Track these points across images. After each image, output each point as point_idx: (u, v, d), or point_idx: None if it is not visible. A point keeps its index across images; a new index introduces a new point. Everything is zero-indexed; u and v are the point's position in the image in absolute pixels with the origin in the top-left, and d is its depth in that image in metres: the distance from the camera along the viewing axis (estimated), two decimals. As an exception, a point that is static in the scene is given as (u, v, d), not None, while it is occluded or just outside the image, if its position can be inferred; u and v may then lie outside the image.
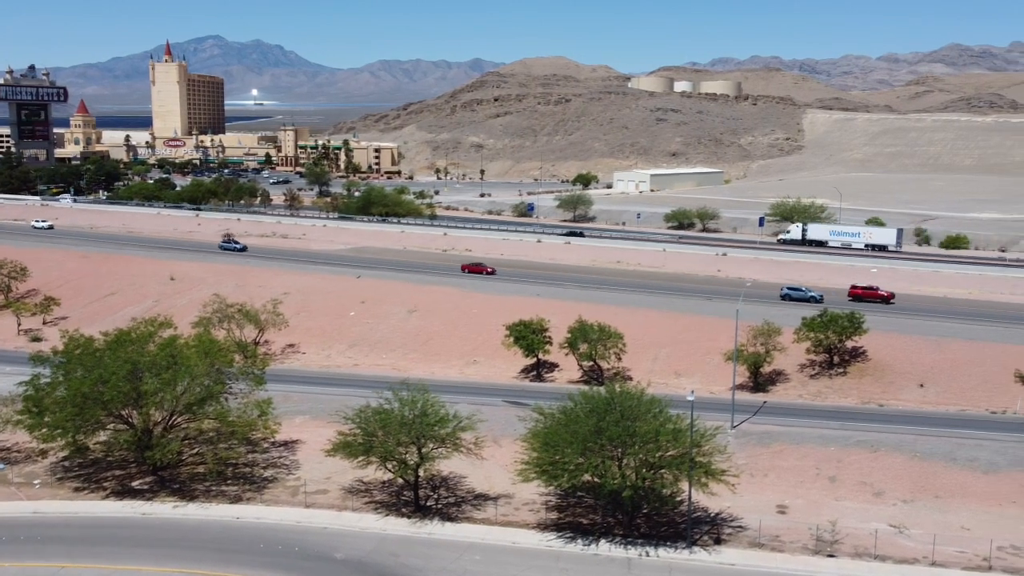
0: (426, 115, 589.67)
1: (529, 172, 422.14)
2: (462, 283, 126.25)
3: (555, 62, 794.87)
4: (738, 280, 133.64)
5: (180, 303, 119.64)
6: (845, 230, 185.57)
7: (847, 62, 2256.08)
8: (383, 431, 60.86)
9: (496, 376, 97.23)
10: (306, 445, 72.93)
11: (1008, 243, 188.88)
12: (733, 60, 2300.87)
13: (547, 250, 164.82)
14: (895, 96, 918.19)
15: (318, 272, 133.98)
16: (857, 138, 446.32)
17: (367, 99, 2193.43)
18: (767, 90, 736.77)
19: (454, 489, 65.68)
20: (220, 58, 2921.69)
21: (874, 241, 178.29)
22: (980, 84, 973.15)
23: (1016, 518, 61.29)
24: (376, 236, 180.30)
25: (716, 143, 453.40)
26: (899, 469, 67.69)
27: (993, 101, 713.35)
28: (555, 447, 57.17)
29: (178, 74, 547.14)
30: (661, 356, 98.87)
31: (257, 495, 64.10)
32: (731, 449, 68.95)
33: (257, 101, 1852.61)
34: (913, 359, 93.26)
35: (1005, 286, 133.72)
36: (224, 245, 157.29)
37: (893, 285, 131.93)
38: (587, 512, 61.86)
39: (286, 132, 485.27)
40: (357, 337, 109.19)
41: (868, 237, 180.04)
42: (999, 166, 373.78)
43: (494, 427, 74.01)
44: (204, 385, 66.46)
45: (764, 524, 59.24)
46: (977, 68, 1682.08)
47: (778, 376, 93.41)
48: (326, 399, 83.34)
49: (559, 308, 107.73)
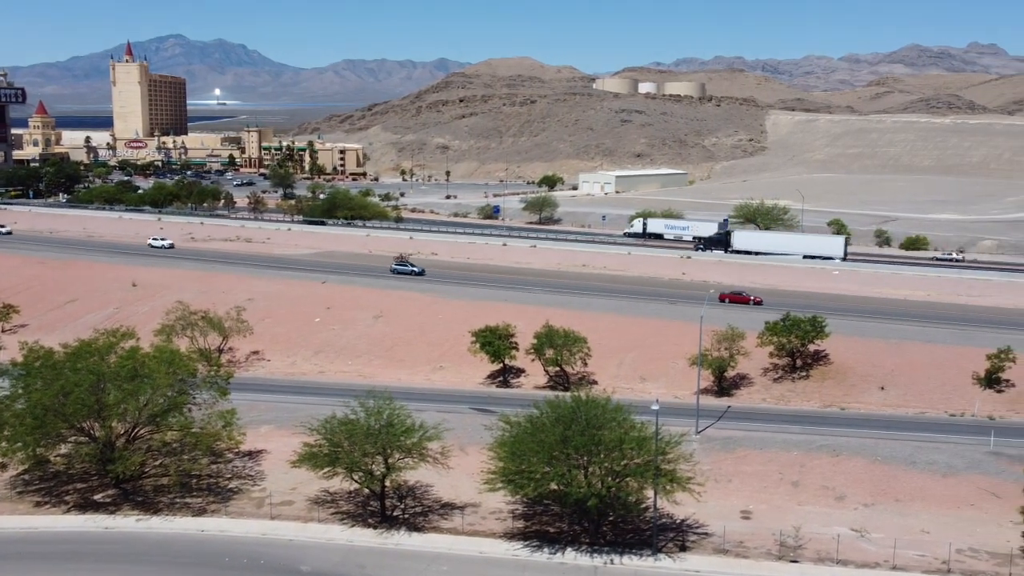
0: (391, 116, 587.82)
1: (495, 173, 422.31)
2: (428, 288, 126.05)
3: (520, 63, 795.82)
4: (703, 283, 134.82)
5: (142, 310, 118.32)
6: (676, 224, 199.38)
7: (809, 62, 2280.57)
8: (349, 442, 60.65)
9: (462, 382, 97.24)
10: (271, 455, 72.44)
11: (966, 244, 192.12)
12: (697, 60, 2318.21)
13: (513, 253, 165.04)
14: (856, 97, 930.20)
15: (283, 277, 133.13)
16: (819, 139, 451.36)
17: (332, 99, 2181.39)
18: (731, 91, 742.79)
19: (421, 498, 65.59)
20: (182, 57, 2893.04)
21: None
22: (939, 85, 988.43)
23: (974, 521, 62.36)
24: (341, 240, 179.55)
25: (680, 144, 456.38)
26: (860, 473, 68.61)
27: (951, 102, 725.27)
28: (521, 456, 57.30)
29: (139, 74, 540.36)
30: (626, 361, 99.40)
31: (222, 507, 63.57)
32: (696, 455, 69.53)
33: (220, 101, 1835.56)
34: (874, 362, 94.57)
35: (962, 288, 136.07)
36: (398, 268, 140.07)
37: (854, 287, 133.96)
38: (553, 520, 62.07)
39: (250, 133, 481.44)
40: (322, 343, 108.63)
41: (695, 230, 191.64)
42: (957, 167, 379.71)
43: (460, 435, 74.01)
44: (167, 396, 65.83)
45: (729, 530, 59.80)
46: (936, 69, 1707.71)
47: (742, 380, 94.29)
48: (291, 408, 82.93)
49: (525, 313, 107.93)
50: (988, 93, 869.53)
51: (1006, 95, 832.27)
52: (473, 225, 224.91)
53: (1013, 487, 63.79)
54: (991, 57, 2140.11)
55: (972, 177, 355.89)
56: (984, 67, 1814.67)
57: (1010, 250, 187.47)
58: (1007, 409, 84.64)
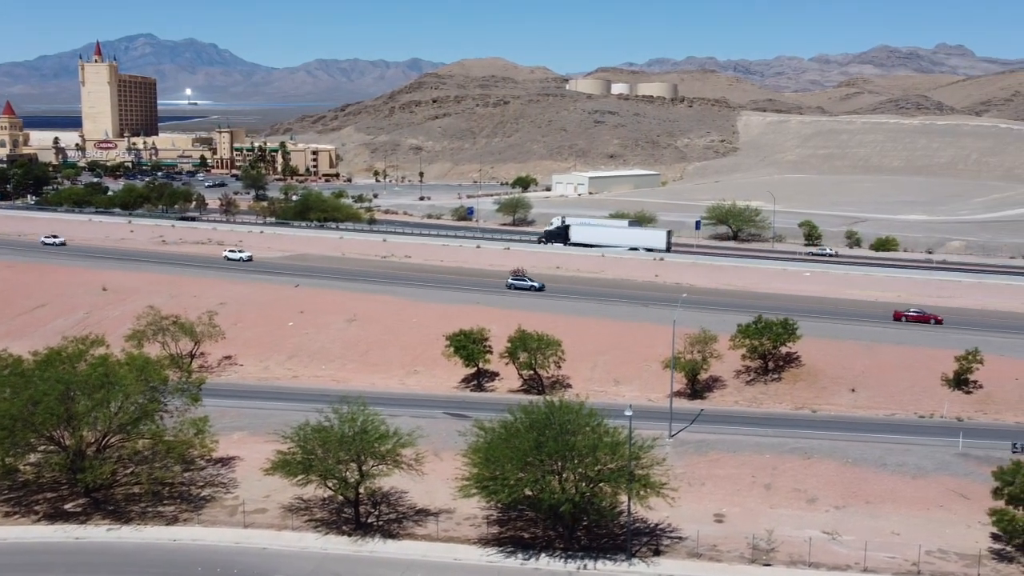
0: (364, 116, 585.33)
1: (468, 174, 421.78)
2: (402, 292, 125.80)
3: (493, 63, 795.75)
4: (676, 286, 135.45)
5: (113, 315, 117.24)
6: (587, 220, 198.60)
7: (780, 63, 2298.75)
8: (323, 449, 60.43)
9: (437, 386, 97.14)
10: (244, 462, 71.95)
11: (935, 245, 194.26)
12: (669, 61, 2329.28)
13: (487, 256, 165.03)
14: (827, 97, 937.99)
15: (255, 281, 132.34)
16: (790, 140, 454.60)
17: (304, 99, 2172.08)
18: (703, 92, 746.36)
19: (395, 505, 65.47)
20: (152, 56, 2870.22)
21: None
22: (907, 86, 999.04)
23: (943, 522, 63.15)
24: (314, 243, 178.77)
25: (653, 145, 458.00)
26: (832, 475, 69.25)
27: (920, 103, 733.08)
28: (495, 463, 57.38)
29: (109, 74, 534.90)
30: (600, 364, 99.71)
31: (194, 515, 63.14)
32: (669, 458, 69.81)
33: (191, 101, 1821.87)
34: (845, 364, 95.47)
35: (931, 289, 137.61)
36: (515, 284, 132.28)
37: (825, 288, 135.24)
38: (528, 526, 62.17)
39: (221, 134, 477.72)
40: (296, 348, 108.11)
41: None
42: (926, 167, 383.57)
43: (435, 440, 73.93)
44: (138, 403, 65.29)
45: (702, 534, 60.18)
46: (905, 69, 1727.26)
47: (715, 383, 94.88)
48: (264, 414, 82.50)
49: (499, 316, 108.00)
50: (956, 94, 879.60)
51: (973, 96, 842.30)
52: (447, 227, 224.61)
53: (981, 488, 64.52)
54: (959, 58, 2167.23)
55: (941, 178, 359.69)
56: (952, 68, 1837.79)
57: (978, 251, 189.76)
58: (975, 410, 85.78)
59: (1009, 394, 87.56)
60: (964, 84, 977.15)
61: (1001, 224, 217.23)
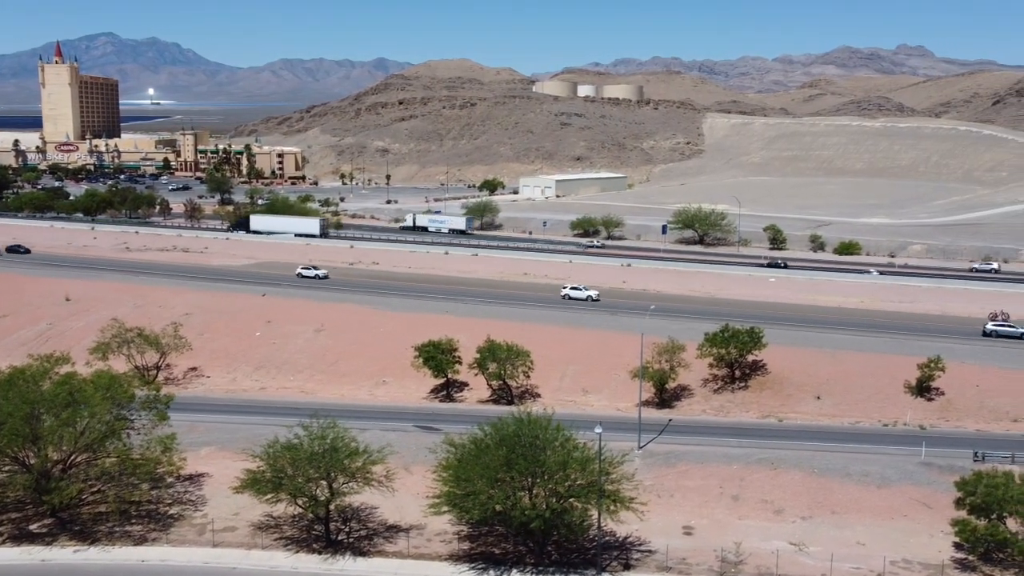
0: (330, 118, 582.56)
1: (435, 177, 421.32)
2: (370, 300, 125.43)
3: (460, 64, 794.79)
4: (642, 292, 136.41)
5: (77, 326, 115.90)
6: (436, 218, 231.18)
7: (744, 63, 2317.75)
8: (292, 467, 60.24)
9: (406, 397, 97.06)
10: (213, 479, 71.50)
11: (896, 249, 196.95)
12: (635, 61, 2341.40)
13: (455, 262, 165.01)
14: (790, 99, 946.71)
15: (221, 290, 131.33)
16: (754, 142, 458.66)
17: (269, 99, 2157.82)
18: (668, 93, 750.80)
19: (366, 521, 65.37)
20: (114, 56, 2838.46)
21: (453, 227, 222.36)
22: (869, 87, 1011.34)
23: (907, 531, 64.17)
24: (281, 249, 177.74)
25: (619, 147, 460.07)
26: (798, 486, 70.09)
27: (881, 104, 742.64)
28: (466, 480, 57.51)
29: (70, 75, 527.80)
30: (569, 373, 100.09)
31: (163, 534, 62.67)
32: (638, 470, 70.43)
33: (154, 100, 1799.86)
34: (810, 371, 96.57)
35: (894, 294, 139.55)
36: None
37: (790, 294, 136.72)
38: (499, 541, 62.35)
39: (185, 136, 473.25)
40: (263, 359, 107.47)
41: (451, 224, 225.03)
42: (887, 170, 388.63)
43: (405, 454, 73.80)
44: (105, 421, 64.61)
45: (671, 547, 60.72)
46: (866, 70, 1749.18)
47: (683, 391, 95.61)
48: (232, 428, 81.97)
49: (468, 325, 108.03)
50: (917, 95, 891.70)
51: (933, 97, 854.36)
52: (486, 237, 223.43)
53: (944, 497, 65.63)
54: (919, 59, 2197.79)
55: (902, 180, 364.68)
56: (912, 68, 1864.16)
57: (938, 254, 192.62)
58: (937, 417, 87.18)
59: (970, 401, 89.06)
60: (924, 85, 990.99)
61: (960, 228, 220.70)
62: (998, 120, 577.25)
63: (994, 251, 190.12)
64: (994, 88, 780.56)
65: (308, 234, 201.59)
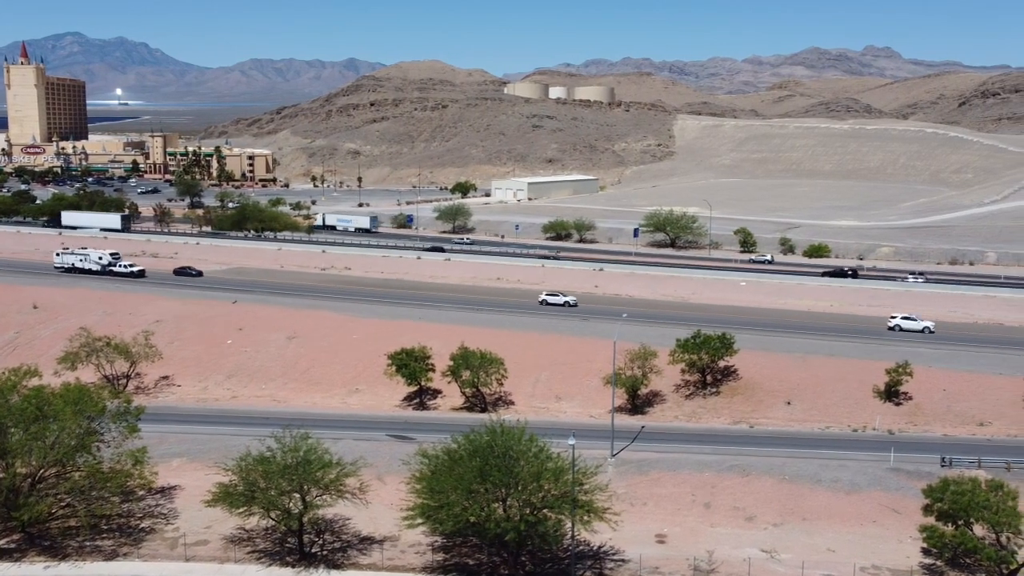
0: (301, 119, 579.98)
1: (407, 179, 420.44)
2: (342, 307, 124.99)
3: (431, 66, 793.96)
4: (615, 297, 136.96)
5: (44, 334, 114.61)
6: (343, 217, 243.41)
7: (714, 64, 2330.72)
8: (265, 480, 59.98)
9: (379, 405, 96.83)
10: (185, 491, 70.99)
11: (865, 251, 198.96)
12: (606, 62, 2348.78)
13: (427, 267, 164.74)
14: (760, 100, 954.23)
15: (192, 297, 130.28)
16: (725, 144, 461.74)
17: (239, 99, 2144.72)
18: (639, 95, 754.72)
19: (339, 533, 65.20)
20: (80, 55, 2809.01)
21: (359, 225, 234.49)
22: (838, 89, 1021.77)
23: (877, 538, 64.98)
24: (252, 254, 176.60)
25: (591, 149, 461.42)
26: (769, 492, 70.73)
27: (850, 106, 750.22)
28: (440, 492, 57.54)
29: (36, 77, 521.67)
30: (542, 379, 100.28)
31: (134, 549, 62.16)
32: (611, 478, 70.83)
33: (122, 101, 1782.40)
34: (780, 376, 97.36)
35: (863, 297, 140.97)
36: None
37: (761, 298, 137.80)
38: (473, 552, 62.45)
39: (154, 138, 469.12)
40: (235, 367, 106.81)
41: (356, 222, 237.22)
42: (856, 171, 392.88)
43: (378, 464, 73.72)
44: (76, 435, 63.97)
45: (644, 556, 61.11)
46: (835, 71, 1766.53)
47: (655, 397, 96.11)
48: (204, 439, 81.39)
49: (441, 332, 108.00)
50: (884, 97, 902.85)
51: (900, 99, 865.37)
52: (387, 235, 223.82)
53: (912, 503, 66.47)
54: (886, 60, 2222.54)
55: (871, 182, 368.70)
56: (880, 69, 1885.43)
57: (906, 257, 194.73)
58: (905, 422, 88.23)
59: (937, 405, 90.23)
60: (892, 87, 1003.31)
61: (928, 230, 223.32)
62: (963, 121, 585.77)
63: (960, 253, 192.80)
64: (960, 90, 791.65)
65: (111, 228, 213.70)
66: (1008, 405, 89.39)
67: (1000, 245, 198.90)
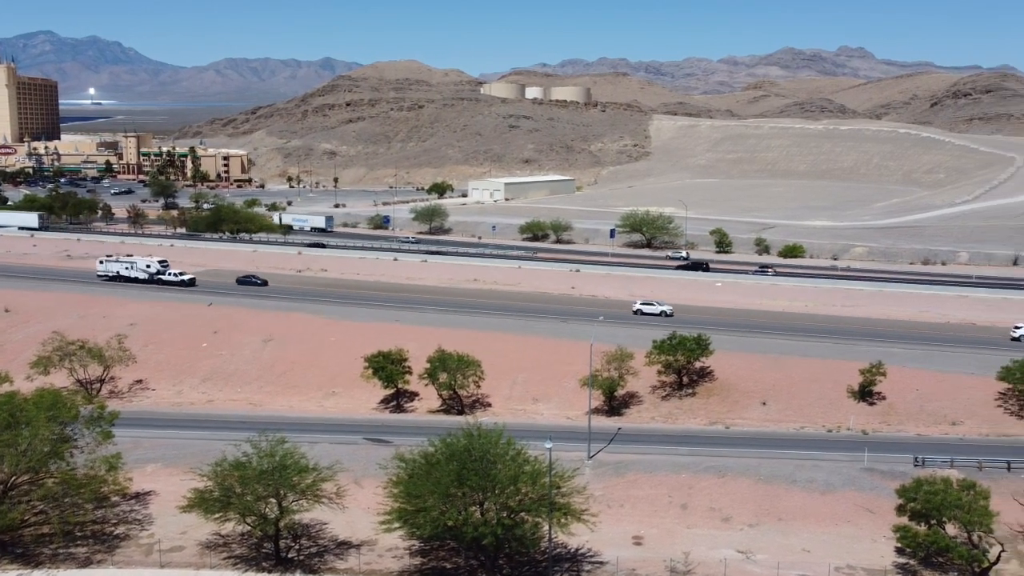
0: (276, 120, 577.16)
1: (384, 179, 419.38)
2: (319, 309, 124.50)
3: (408, 66, 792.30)
4: (591, 299, 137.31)
5: (16, 338, 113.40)
6: (299, 217, 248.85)
7: (690, 64, 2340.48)
8: (241, 485, 59.67)
9: (356, 408, 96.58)
10: (159, 496, 70.43)
11: (839, 251, 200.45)
12: (582, 62, 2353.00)
13: (404, 268, 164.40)
14: (735, 100, 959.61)
15: (166, 300, 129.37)
16: (700, 144, 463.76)
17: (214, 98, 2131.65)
18: (615, 95, 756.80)
19: (316, 538, 64.97)
20: (53, 55, 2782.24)
21: (314, 225, 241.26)
22: (812, 89, 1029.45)
23: (851, 538, 65.56)
24: (227, 256, 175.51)
25: (567, 150, 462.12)
26: (745, 493, 71.16)
27: (824, 106, 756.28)
28: (417, 496, 57.48)
29: (7, 77, 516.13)
30: (519, 381, 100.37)
31: (108, 556, 61.64)
32: (589, 481, 71.06)
33: (95, 100, 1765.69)
34: (756, 377, 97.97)
35: (838, 298, 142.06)
36: None
37: (736, 299, 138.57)
38: (450, 555, 62.44)
39: (128, 138, 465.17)
40: (210, 370, 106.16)
41: (312, 222, 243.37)
42: (830, 172, 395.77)
43: (355, 467, 73.48)
44: (49, 441, 63.32)
45: (621, 558, 61.32)
46: (809, 71, 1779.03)
47: (632, 399, 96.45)
48: (179, 444, 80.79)
49: (418, 334, 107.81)
50: (857, 97, 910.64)
51: (874, 99, 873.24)
52: (363, 236, 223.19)
53: (886, 503, 67.10)
54: (860, 60, 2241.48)
55: (845, 182, 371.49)
56: (853, 70, 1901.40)
57: (879, 257, 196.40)
58: (879, 422, 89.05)
59: (910, 405, 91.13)
60: (865, 87, 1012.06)
61: (901, 230, 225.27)
62: (936, 122, 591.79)
63: (932, 253, 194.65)
64: (932, 90, 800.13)
65: (29, 227, 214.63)
66: (980, 404, 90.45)
67: (972, 245, 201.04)
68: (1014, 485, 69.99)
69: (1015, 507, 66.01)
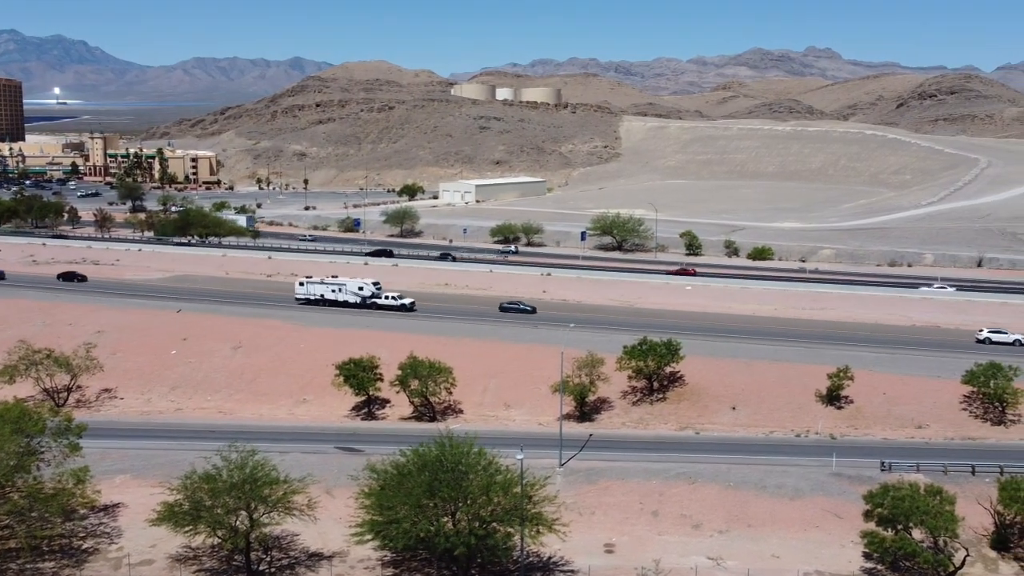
0: (245, 120, 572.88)
1: (354, 181, 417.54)
2: (289, 315, 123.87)
3: (378, 66, 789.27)
4: (562, 302, 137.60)
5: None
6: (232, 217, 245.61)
7: (660, 64, 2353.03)
8: (211, 498, 59.33)
9: (327, 415, 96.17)
10: (128, 509, 69.72)
11: (807, 253, 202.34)
12: (553, 62, 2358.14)
13: (375, 273, 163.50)
14: (704, 101, 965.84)
15: (134, 306, 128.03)
16: (670, 146, 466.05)
17: (181, 98, 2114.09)
18: (585, 96, 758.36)
19: (287, 550, 64.67)
20: (17, 54, 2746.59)
21: None
22: (780, 90, 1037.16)
23: (820, 543, 66.31)
24: (196, 261, 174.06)
25: (538, 151, 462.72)
26: (715, 500, 71.71)
27: (792, 107, 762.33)
28: (389, 508, 57.45)
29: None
30: (491, 388, 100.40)
31: (76, 571, 61.04)
32: (560, 488, 71.24)
33: (60, 100, 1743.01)
34: (726, 382, 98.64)
35: (806, 301, 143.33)
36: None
37: (706, 303, 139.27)
38: (422, 566, 62.41)
39: (94, 139, 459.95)
40: (179, 378, 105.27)
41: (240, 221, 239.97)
42: (798, 173, 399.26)
43: (326, 477, 73.22)
44: (15, 454, 62.58)
45: (593, 566, 61.64)
46: (777, 71, 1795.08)
47: (603, 404, 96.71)
48: (148, 454, 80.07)
49: (389, 341, 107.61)
50: (825, 98, 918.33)
51: (841, 100, 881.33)
52: (334, 240, 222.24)
53: (853, 507, 67.93)
54: (827, 60, 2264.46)
55: (813, 183, 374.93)
56: (821, 70, 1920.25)
57: (847, 259, 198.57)
58: (847, 426, 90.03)
59: (877, 409, 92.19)
60: (832, 88, 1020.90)
61: (868, 232, 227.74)
62: (901, 122, 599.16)
63: (899, 255, 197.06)
64: (898, 91, 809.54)
65: None
66: (945, 408, 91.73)
67: (937, 246, 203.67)
68: (978, 489, 71.02)
69: (979, 511, 67.03)
